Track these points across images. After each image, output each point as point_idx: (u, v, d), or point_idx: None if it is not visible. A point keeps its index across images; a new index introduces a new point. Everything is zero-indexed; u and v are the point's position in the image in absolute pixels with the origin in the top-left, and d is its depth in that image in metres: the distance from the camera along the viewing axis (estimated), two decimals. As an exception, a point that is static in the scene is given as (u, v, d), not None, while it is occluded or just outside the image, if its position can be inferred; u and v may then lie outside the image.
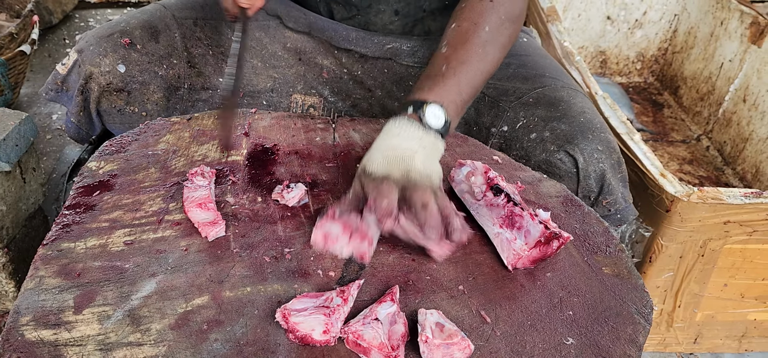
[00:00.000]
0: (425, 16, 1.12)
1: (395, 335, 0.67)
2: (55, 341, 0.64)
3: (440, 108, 0.85)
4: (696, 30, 2.14)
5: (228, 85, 0.95)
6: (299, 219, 0.83)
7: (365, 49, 1.12)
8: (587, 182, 0.99)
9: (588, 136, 1.01)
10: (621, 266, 0.83)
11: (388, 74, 1.13)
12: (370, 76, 1.13)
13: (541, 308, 0.75)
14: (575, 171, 1.00)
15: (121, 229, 0.79)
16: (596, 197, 1.00)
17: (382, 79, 1.13)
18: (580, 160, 0.99)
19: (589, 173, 0.99)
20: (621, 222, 1.02)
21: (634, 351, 0.72)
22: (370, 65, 1.13)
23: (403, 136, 0.83)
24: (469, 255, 0.80)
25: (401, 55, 1.12)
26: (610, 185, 1.00)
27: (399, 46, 1.12)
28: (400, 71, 1.13)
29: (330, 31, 1.12)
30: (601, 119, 1.07)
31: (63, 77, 1.07)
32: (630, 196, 1.04)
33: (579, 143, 1.00)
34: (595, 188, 1.00)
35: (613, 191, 1.00)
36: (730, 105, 1.96)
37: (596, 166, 0.99)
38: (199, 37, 1.09)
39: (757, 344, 1.42)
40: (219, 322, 0.68)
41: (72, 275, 0.72)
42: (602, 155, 1.00)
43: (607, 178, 1.00)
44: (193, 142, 0.95)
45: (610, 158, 1.01)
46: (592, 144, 1.00)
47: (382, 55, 1.12)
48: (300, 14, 1.13)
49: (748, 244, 1.24)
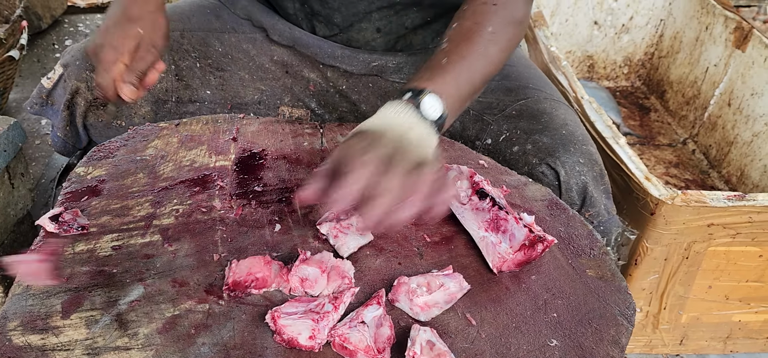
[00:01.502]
0: (407, 33, 1.12)
1: (381, 338, 0.68)
2: (42, 345, 0.65)
3: (438, 99, 0.80)
4: (681, 35, 2.17)
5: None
6: (286, 223, 0.84)
7: (350, 66, 1.12)
8: (569, 194, 1.00)
9: (570, 148, 1.01)
10: (605, 268, 0.84)
11: (374, 89, 1.13)
12: (355, 92, 1.13)
13: (526, 311, 0.76)
14: (557, 184, 1.00)
15: (109, 234, 0.79)
16: (579, 210, 1.01)
17: (367, 95, 1.13)
18: (562, 173, 0.99)
19: (570, 186, 1.00)
20: (604, 234, 1.02)
21: (616, 352, 0.73)
22: (355, 81, 1.13)
23: (399, 118, 0.77)
24: (454, 258, 0.81)
25: (387, 72, 1.13)
26: (592, 197, 1.00)
27: (384, 63, 1.12)
28: (386, 87, 1.13)
29: (314, 47, 1.13)
30: (583, 131, 1.07)
31: (48, 91, 1.06)
32: (613, 207, 1.05)
33: (560, 156, 1.00)
34: (577, 200, 1.01)
35: (595, 203, 1.01)
36: (716, 109, 1.98)
37: (578, 179, 1.00)
38: (186, 50, 1.09)
39: (742, 345, 1.43)
40: (206, 326, 0.69)
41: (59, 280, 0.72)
42: (584, 168, 1.00)
43: (590, 190, 1.00)
44: (182, 148, 0.96)
45: (592, 171, 1.01)
46: (574, 157, 1.01)
47: (367, 72, 1.12)
48: (285, 28, 1.14)
49: (731, 246, 1.26)
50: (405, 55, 1.13)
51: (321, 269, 0.74)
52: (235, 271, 0.73)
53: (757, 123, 1.79)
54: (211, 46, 1.11)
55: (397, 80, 1.12)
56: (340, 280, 0.74)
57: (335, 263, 0.76)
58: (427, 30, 1.12)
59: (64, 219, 0.78)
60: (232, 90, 1.10)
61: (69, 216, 0.79)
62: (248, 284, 0.72)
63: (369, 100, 1.13)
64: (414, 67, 1.12)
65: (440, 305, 0.74)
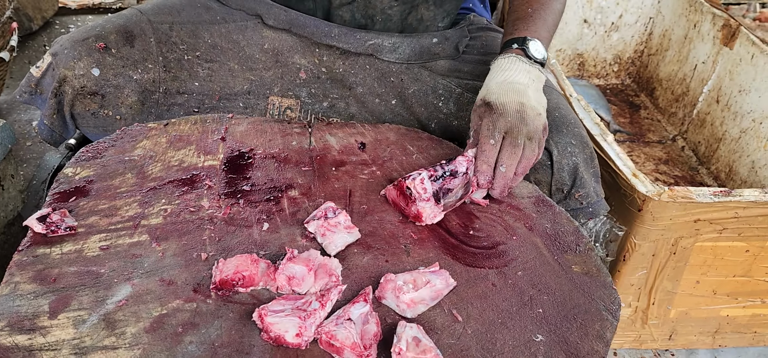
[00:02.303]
0: (420, 4, 1.14)
1: (368, 335, 0.69)
2: (29, 346, 0.65)
3: (539, 42, 1.00)
4: (670, 32, 2.18)
5: None
6: (274, 222, 0.84)
7: (347, 44, 1.13)
8: (561, 174, 1.02)
9: (562, 130, 1.04)
10: (590, 264, 0.85)
11: (370, 70, 1.15)
12: (351, 73, 1.14)
13: (512, 307, 0.76)
14: (549, 164, 1.02)
15: (96, 234, 0.80)
16: (569, 190, 1.03)
17: (363, 76, 1.14)
18: (554, 153, 1.02)
19: (562, 166, 1.02)
20: (593, 215, 1.05)
21: (601, 347, 0.74)
22: (352, 62, 1.14)
23: (513, 70, 0.96)
24: (441, 256, 0.82)
25: (383, 51, 1.14)
26: (582, 178, 1.03)
27: (380, 42, 1.14)
28: (382, 67, 1.14)
29: (311, 27, 1.14)
30: (574, 115, 1.10)
31: (37, 80, 1.07)
32: (602, 191, 1.07)
33: (553, 137, 1.03)
34: (568, 181, 1.03)
35: (585, 185, 1.03)
36: (704, 106, 2.00)
37: (569, 159, 1.02)
38: (174, 42, 1.10)
39: (730, 339, 1.45)
40: (194, 324, 0.69)
41: (47, 281, 0.72)
42: (575, 149, 1.03)
43: (580, 171, 1.03)
44: (170, 148, 0.96)
45: (583, 152, 1.04)
46: (566, 138, 1.03)
47: (363, 51, 1.14)
48: (281, 12, 1.15)
49: (718, 241, 1.27)
50: (401, 35, 1.15)
51: (308, 267, 0.75)
52: (222, 269, 0.73)
53: (745, 119, 1.81)
54: (201, 38, 1.11)
55: (392, 60, 1.14)
56: (328, 278, 0.75)
57: (322, 261, 0.76)
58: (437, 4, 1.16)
59: (51, 220, 0.79)
60: (220, 81, 1.10)
61: (57, 217, 0.79)
62: (235, 282, 0.73)
63: (365, 82, 1.14)
64: (409, 47, 1.15)
65: (426, 301, 0.74)
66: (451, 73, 1.15)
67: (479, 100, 0.95)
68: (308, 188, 0.91)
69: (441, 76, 1.15)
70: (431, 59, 1.15)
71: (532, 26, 1.02)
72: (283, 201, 0.88)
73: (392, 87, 1.14)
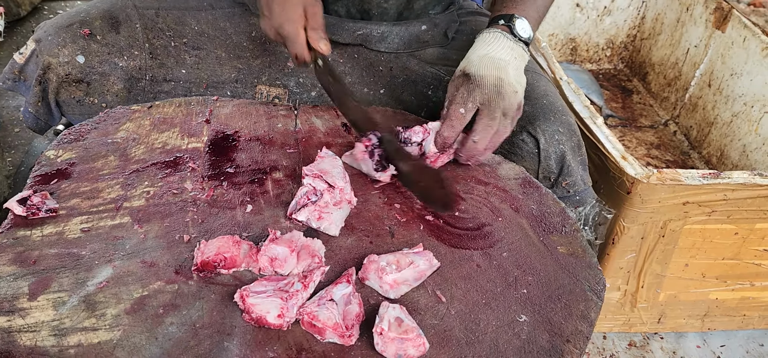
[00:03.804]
0: None
1: (350, 316, 0.68)
2: (8, 327, 0.65)
3: (526, 21, 1.00)
4: (663, 16, 2.17)
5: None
6: (258, 204, 0.84)
7: (336, 35, 1.12)
8: (548, 162, 1.01)
9: (550, 117, 1.03)
10: (576, 245, 0.84)
11: (358, 60, 1.14)
12: (340, 63, 1.13)
13: (496, 287, 0.76)
14: (536, 151, 1.02)
15: (78, 216, 0.79)
16: (556, 178, 1.02)
17: (352, 65, 1.13)
18: (542, 140, 1.01)
19: (549, 154, 1.01)
20: (579, 204, 1.04)
21: (585, 327, 0.74)
22: (340, 51, 1.13)
23: (497, 46, 0.96)
24: (425, 237, 0.82)
25: (371, 41, 1.13)
26: (569, 166, 1.02)
27: (369, 32, 1.13)
28: (371, 57, 1.13)
29: None
30: (562, 103, 1.09)
31: (20, 66, 1.06)
32: (589, 179, 1.06)
33: (540, 124, 1.02)
34: (555, 169, 1.02)
35: (572, 173, 1.03)
36: (696, 90, 1.99)
37: (557, 147, 1.01)
38: (161, 28, 1.08)
39: (719, 322, 1.45)
40: (175, 306, 0.69)
41: (27, 263, 0.72)
42: (563, 137, 1.02)
43: (567, 159, 1.02)
44: (154, 130, 0.95)
45: (571, 141, 1.03)
46: (554, 125, 1.02)
47: (352, 41, 1.12)
48: None
49: (707, 224, 1.27)
50: (389, 24, 1.14)
51: (290, 248, 0.74)
52: (203, 251, 0.73)
53: (737, 103, 1.80)
54: (187, 25, 1.10)
55: (381, 49, 1.13)
56: (310, 259, 0.74)
57: (305, 243, 0.76)
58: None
59: (32, 202, 0.78)
60: (208, 69, 1.09)
61: (37, 199, 0.78)
62: (217, 264, 0.72)
63: (354, 72, 1.13)
64: (398, 36, 1.14)
65: (410, 282, 0.74)
66: (439, 61, 1.14)
67: (458, 71, 0.96)
68: (293, 170, 0.91)
69: (430, 64, 1.14)
70: (420, 48, 1.14)
71: (521, 5, 1.02)
72: (267, 183, 0.88)
73: (381, 76, 1.13)
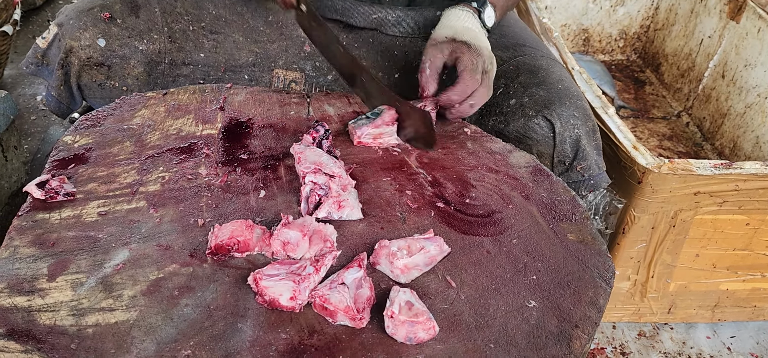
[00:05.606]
0: None
1: (361, 299, 0.69)
2: (28, 307, 0.66)
3: (493, 10, 1.05)
4: (677, 7, 2.16)
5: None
6: (271, 190, 0.85)
7: (351, 19, 1.13)
8: (563, 146, 1.02)
9: (565, 102, 1.04)
10: (585, 232, 0.85)
11: (373, 44, 1.14)
12: (355, 47, 1.14)
13: (506, 273, 0.77)
14: (552, 135, 1.03)
15: (95, 200, 0.80)
16: (571, 162, 1.03)
17: (367, 50, 1.14)
18: (557, 124, 1.02)
19: (565, 138, 1.02)
20: (594, 188, 1.05)
21: (594, 313, 0.74)
22: (355, 36, 1.14)
23: (471, 24, 1.01)
24: (436, 224, 0.82)
25: (386, 26, 1.14)
26: (584, 150, 1.03)
27: (384, 16, 1.13)
28: (386, 41, 1.14)
29: (315, 1, 1.14)
30: (577, 88, 1.10)
31: (43, 51, 1.07)
32: (603, 164, 1.07)
33: (556, 109, 1.03)
34: (570, 153, 1.03)
35: (587, 157, 1.03)
36: (710, 81, 1.98)
37: (572, 131, 1.02)
38: (179, 12, 1.10)
39: (729, 313, 1.45)
40: (190, 288, 0.70)
41: (46, 245, 0.73)
42: (578, 121, 1.03)
43: (582, 143, 1.03)
44: (168, 117, 0.97)
45: (586, 125, 1.04)
46: (569, 110, 1.03)
47: (367, 26, 1.13)
48: None
49: (718, 214, 1.26)
50: (405, 9, 1.14)
51: (303, 233, 0.75)
52: (217, 235, 0.74)
53: (750, 94, 1.79)
54: (205, 9, 1.11)
55: (396, 34, 1.14)
56: (322, 243, 0.76)
57: (317, 227, 0.77)
58: None
59: (50, 186, 0.80)
60: (226, 53, 1.10)
61: (56, 183, 0.80)
62: (231, 247, 0.73)
63: (369, 56, 1.14)
64: (413, 21, 1.15)
65: (420, 267, 0.75)
66: None
67: (442, 37, 0.99)
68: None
69: None
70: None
71: None
72: (280, 169, 0.89)
73: (396, 61, 1.14)
